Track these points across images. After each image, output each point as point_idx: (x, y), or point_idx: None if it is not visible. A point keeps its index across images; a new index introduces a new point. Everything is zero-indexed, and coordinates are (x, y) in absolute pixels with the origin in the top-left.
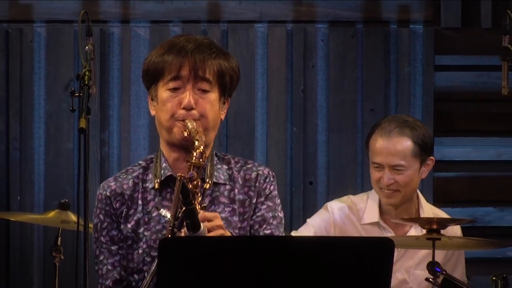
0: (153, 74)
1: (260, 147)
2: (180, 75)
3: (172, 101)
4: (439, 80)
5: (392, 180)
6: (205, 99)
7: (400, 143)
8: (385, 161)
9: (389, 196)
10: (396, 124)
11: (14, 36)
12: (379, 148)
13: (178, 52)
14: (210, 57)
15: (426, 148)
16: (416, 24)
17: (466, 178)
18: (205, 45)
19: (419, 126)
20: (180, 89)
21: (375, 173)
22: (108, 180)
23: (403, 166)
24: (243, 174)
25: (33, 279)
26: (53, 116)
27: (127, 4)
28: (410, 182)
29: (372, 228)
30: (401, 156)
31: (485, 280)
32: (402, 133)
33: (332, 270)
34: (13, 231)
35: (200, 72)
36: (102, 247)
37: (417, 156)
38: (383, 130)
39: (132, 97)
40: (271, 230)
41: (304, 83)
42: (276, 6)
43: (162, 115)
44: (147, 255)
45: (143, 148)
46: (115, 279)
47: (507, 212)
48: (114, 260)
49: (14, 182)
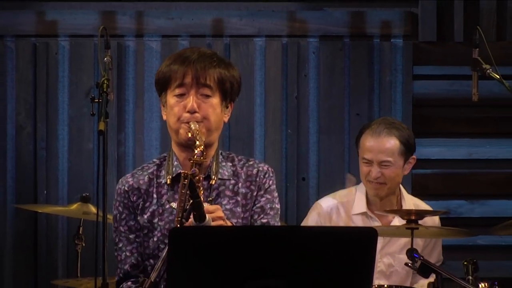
0: (163, 83)
1: (259, 147)
2: (184, 82)
3: (178, 105)
4: (417, 88)
5: (380, 174)
6: (207, 103)
7: (388, 142)
8: (374, 158)
9: (376, 188)
10: (385, 126)
11: (41, 49)
12: (369, 146)
13: (183, 62)
14: (211, 66)
15: (410, 147)
16: (396, 38)
17: (441, 175)
18: (207, 55)
19: (405, 128)
20: (185, 95)
21: (364, 168)
22: (126, 176)
23: (390, 162)
24: (246, 170)
25: (57, 264)
26: (75, 119)
27: (141, 20)
28: (395, 177)
29: (361, 218)
30: (388, 153)
31: (458, 265)
32: (390, 133)
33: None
34: (40, 222)
35: (202, 79)
36: (121, 235)
37: (402, 154)
38: (373, 130)
39: (146, 103)
40: (267, 219)
41: (297, 90)
42: (273, 22)
43: (170, 118)
44: (161, 242)
45: (155, 148)
46: (132, 264)
47: (476, 204)
48: (132, 247)
49: (40, 178)
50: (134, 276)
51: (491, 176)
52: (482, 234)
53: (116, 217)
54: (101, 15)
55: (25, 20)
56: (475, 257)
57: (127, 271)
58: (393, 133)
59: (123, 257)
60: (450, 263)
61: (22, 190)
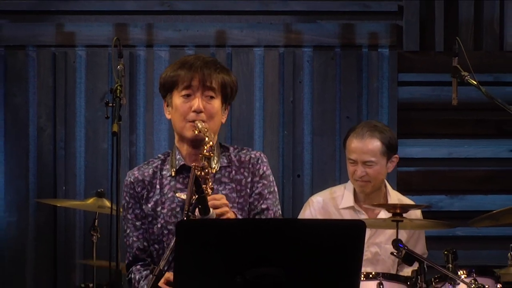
0: (169, 85)
1: (258, 147)
2: (191, 84)
3: (184, 106)
4: (402, 93)
5: (364, 173)
6: (211, 104)
7: (371, 143)
8: (358, 158)
9: (362, 185)
10: (368, 128)
11: (60, 57)
12: (354, 148)
13: (189, 67)
14: (215, 71)
15: (392, 147)
16: (383, 48)
17: (423, 172)
18: (211, 62)
19: (387, 130)
20: (191, 96)
21: (350, 167)
22: (133, 170)
23: (373, 162)
24: (238, 158)
25: (75, 253)
26: (91, 122)
27: (151, 32)
28: (378, 175)
29: (349, 212)
30: (371, 154)
31: (439, 254)
32: (373, 136)
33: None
34: (59, 215)
35: (208, 83)
36: (129, 222)
37: (385, 154)
38: (357, 133)
39: (155, 107)
40: (267, 205)
41: (293, 95)
42: (271, 34)
43: (176, 117)
44: (164, 228)
45: (163, 147)
46: (139, 248)
47: (456, 199)
48: (138, 233)
49: (59, 175)
50: (142, 260)
51: (469, 173)
52: (460, 226)
53: (124, 206)
54: (114, 27)
55: (45, 31)
56: (455, 247)
57: (135, 254)
58: (375, 135)
59: (130, 241)
60: (432, 252)
61: (43, 186)
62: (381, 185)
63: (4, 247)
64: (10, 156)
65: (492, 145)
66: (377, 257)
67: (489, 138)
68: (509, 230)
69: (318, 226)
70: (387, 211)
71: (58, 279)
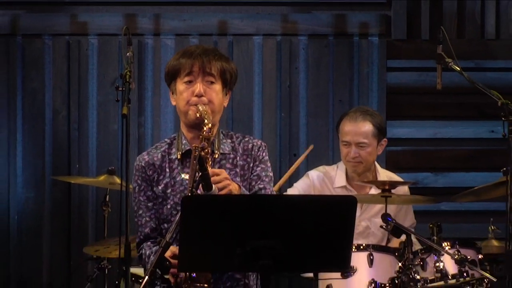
0: (172, 73)
1: (257, 128)
2: (192, 71)
3: (187, 91)
4: (390, 78)
5: (357, 154)
6: (211, 89)
7: (364, 126)
8: (352, 140)
9: (354, 166)
10: (360, 113)
11: (74, 45)
12: (347, 130)
13: (190, 55)
14: (214, 58)
15: (382, 131)
16: (373, 36)
17: (410, 151)
18: (210, 50)
19: (377, 114)
20: (192, 82)
21: (344, 149)
22: (143, 154)
23: (365, 144)
24: (242, 146)
25: (88, 226)
26: (102, 105)
27: (158, 21)
28: (369, 156)
29: (341, 190)
30: (364, 135)
31: (425, 227)
32: (365, 119)
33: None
34: (73, 191)
35: (207, 69)
36: (141, 204)
37: (375, 137)
38: (350, 117)
39: (162, 91)
40: (264, 185)
41: (289, 80)
42: (269, 23)
43: (180, 102)
44: (173, 209)
45: (169, 129)
46: (151, 227)
47: (440, 176)
48: (150, 213)
49: (73, 154)
50: (153, 238)
51: (453, 152)
52: (445, 201)
53: (136, 189)
54: (124, 17)
55: (60, 21)
56: (439, 221)
57: (147, 234)
58: (367, 119)
59: (143, 222)
60: (418, 225)
61: (58, 164)
62: (371, 166)
63: (22, 220)
64: (28, 137)
65: (474, 126)
66: (367, 230)
67: (471, 120)
68: (490, 205)
69: (313, 202)
70: (377, 188)
71: (72, 250)
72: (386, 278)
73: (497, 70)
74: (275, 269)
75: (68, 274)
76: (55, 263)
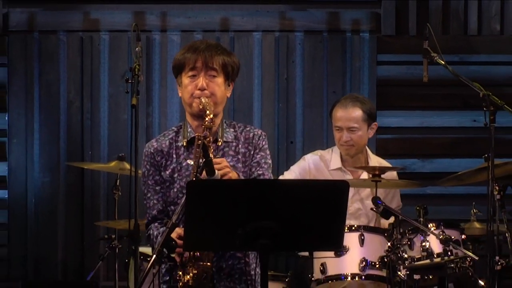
0: (178, 67)
1: (257, 117)
2: (195, 66)
3: (191, 84)
4: (380, 71)
5: (349, 138)
6: (214, 82)
7: (354, 111)
8: (343, 125)
9: (347, 149)
10: (350, 100)
11: (87, 41)
12: (339, 116)
13: (194, 51)
14: (216, 53)
15: (371, 115)
16: (364, 32)
17: (399, 139)
18: (213, 46)
19: (367, 101)
20: (196, 76)
21: (337, 134)
22: (152, 141)
23: (356, 128)
24: (244, 135)
25: (100, 209)
26: (113, 96)
27: (165, 19)
28: (360, 140)
29: (337, 172)
30: (354, 120)
31: (412, 209)
32: (355, 105)
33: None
34: (86, 176)
35: (210, 64)
36: (149, 187)
37: (365, 121)
38: (341, 104)
39: (168, 83)
40: (262, 171)
41: (287, 73)
42: (268, 20)
43: (185, 94)
44: (180, 192)
45: (175, 118)
46: (159, 209)
47: (426, 162)
48: (158, 196)
49: (86, 142)
50: (160, 219)
51: (438, 140)
52: (431, 185)
53: (145, 173)
54: (133, 15)
55: (74, 18)
56: (425, 204)
57: (154, 215)
58: (357, 105)
59: (151, 204)
60: (406, 208)
61: (72, 151)
62: (363, 149)
63: (39, 203)
64: (44, 126)
65: (458, 116)
66: (359, 212)
67: (455, 110)
68: (472, 189)
69: (309, 186)
70: (368, 172)
71: (85, 230)
72: (376, 256)
73: (479, 64)
74: (273, 248)
75: (82, 253)
76: (69, 243)
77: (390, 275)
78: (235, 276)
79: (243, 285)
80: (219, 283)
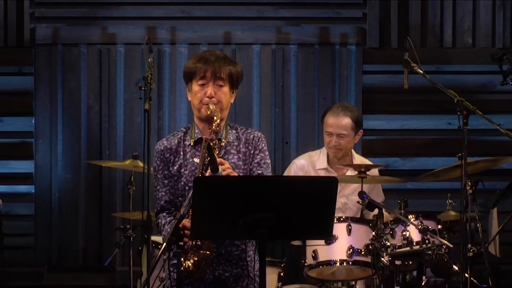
0: (189, 75)
1: (256, 121)
2: (205, 75)
3: (200, 92)
4: (365, 80)
5: (338, 143)
6: (221, 91)
7: (344, 120)
8: (334, 131)
9: (335, 152)
10: (341, 108)
11: (104, 53)
12: (330, 123)
13: (204, 62)
14: (224, 65)
15: (359, 123)
16: (351, 45)
17: (382, 140)
18: (221, 58)
19: (355, 110)
20: (205, 85)
21: (327, 138)
22: (162, 140)
23: (345, 135)
24: (245, 136)
25: (116, 202)
26: (128, 102)
27: (174, 33)
28: (348, 145)
29: (323, 172)
30: (344, 128)
31: (394, 203)
32: (345, 114)
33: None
34: (104, 173)
35: (218, 74)
36: (159, 181)
37: (353, 129)
38: (333, 112)
39: (177, 90)
40: (262, 171)
41: (282, 81)
42: (266, 34)
43: (194, 100)
44: (186, 185)
45: (183, 121)
46: (166, 200)
47: (407, 161)
48: (166, 189)
49: (104, 142)
50: (168, 209)
51: (417, 141)
52: (411, 181)
53: (155, 168)
54: (146, 29)
55: (93, 32)
56: (406, 197)
57: (163, 205)
58: (347, 114)
59: (160, 195)
60: (388, 201)
61: (91, 150)
62: (349, 152)
63: (62, 197)
64: (67, 128)
65: (435, 119)
66: (345, 205)
67: (432, 114)
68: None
69: (302, 181)
70: (354, 170)
71: (103, 221)
72: (362, 244)
73: (453, 73)
74: (271, 237)
75: (100, 241)
76: (89, 233)
77: (374, 261)
78: (232, 261)
79: (239, 269)
80: (218, 267)
